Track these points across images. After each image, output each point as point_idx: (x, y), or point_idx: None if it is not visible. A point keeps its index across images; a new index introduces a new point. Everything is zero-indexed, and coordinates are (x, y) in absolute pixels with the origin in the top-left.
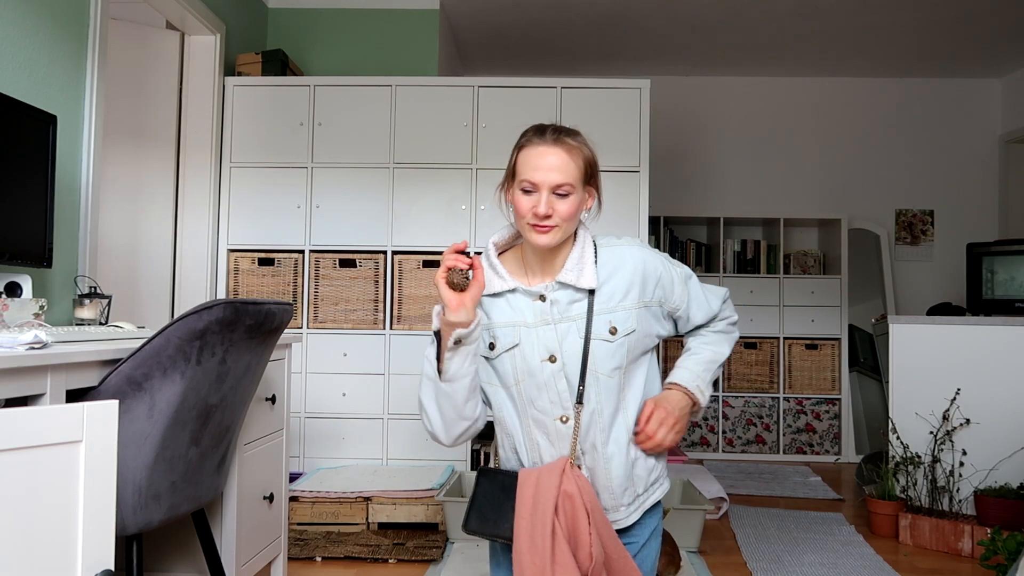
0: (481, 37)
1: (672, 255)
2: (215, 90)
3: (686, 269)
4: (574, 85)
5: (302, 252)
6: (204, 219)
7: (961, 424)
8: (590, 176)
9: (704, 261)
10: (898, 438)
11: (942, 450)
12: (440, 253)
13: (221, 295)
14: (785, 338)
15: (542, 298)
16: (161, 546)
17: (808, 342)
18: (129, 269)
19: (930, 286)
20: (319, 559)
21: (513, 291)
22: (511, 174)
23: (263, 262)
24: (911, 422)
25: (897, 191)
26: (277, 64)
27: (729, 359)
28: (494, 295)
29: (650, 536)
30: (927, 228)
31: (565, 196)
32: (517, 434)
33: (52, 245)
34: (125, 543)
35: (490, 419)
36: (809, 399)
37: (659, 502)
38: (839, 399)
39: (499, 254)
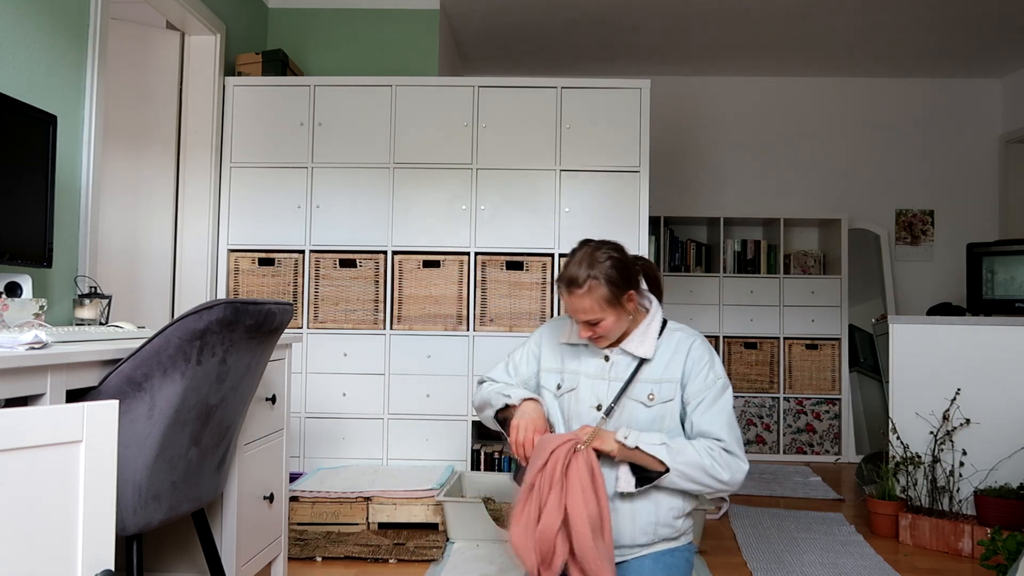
0: (481, 37)
1: (672, 255)
2: (215, 90)
3: (728, 389)
4: (574, 85)
5: (302, 252)
6: (204, 219)
7: (961, 424)
8: (618, 298)
9: (704, 261)
10: (898, 438)
11: (942, 450)
12: (440, 253)
13: (221, 295)
14: (785, 338)
15: (606, 358)
16: (161, 546)
17: (808, 342)
18: (129, 269)
19: (930, 286)
20: (319, 559)
21: (587, 346)
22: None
23: (263, 262)
24: (911, 422)
25: (897, 191)
26: (277, 64)
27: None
28: (571, 344)
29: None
30: (927, 228)
31: (598, 323)
32: None
33: (52, 245)
34: (125, 543)
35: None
36: (809, 399)
37: (678, 549)
38: (839, 399)
39: None
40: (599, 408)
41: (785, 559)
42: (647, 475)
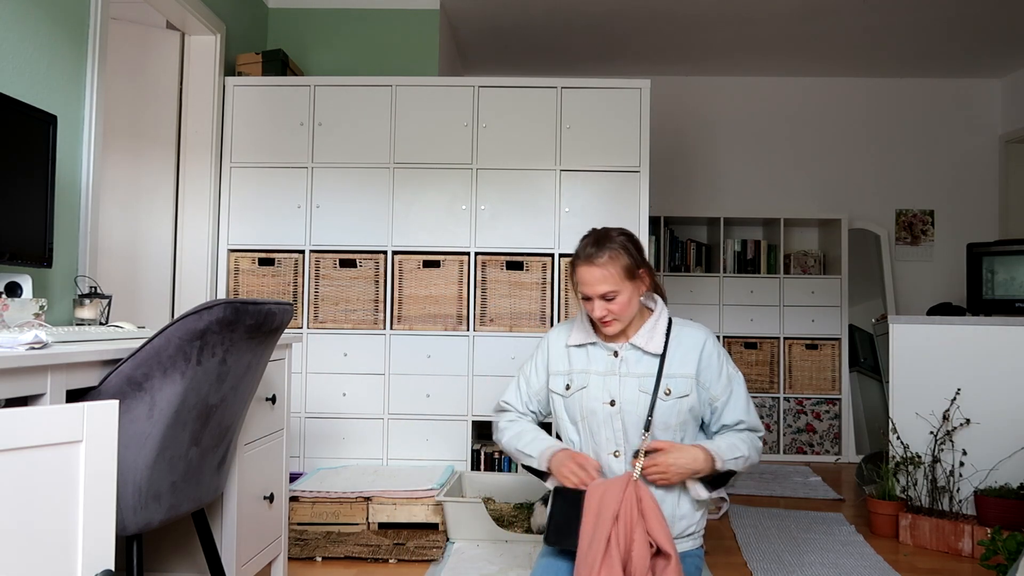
0: (481, 37)
1: (672, 255)
2: (215, 90)
3: (739, 374)
4: (574, 85)
5: (302, 252)
6: (204, 219)
7: (961, 424)
8: (635, 269)
9: (704, 261)
10: (898, 438)
11: (942, 450)
12: (440, 253)
13: (221, 295)
14: (785, 338)
15: (615, 354)
16: (161, 546)
17: (808, 342)
18: (129, 269)
19: (930, 286)
20: (319, 559)
21: (594, 344)
22: (574, 282)
23: (263, 262)
24: (911, 422)
25: (897, 191)
26: (277, 64)
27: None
28: (578, 346)
29: None
30: (927, 228)
31: (614, 298)
32: None
33: (52, 245)
34: (125, 543)
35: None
36: (809, 399)
37: (689, 554)
38: (839, 399)
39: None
40: (612, 404)
41: (785, 559)
42: (720, 479)
